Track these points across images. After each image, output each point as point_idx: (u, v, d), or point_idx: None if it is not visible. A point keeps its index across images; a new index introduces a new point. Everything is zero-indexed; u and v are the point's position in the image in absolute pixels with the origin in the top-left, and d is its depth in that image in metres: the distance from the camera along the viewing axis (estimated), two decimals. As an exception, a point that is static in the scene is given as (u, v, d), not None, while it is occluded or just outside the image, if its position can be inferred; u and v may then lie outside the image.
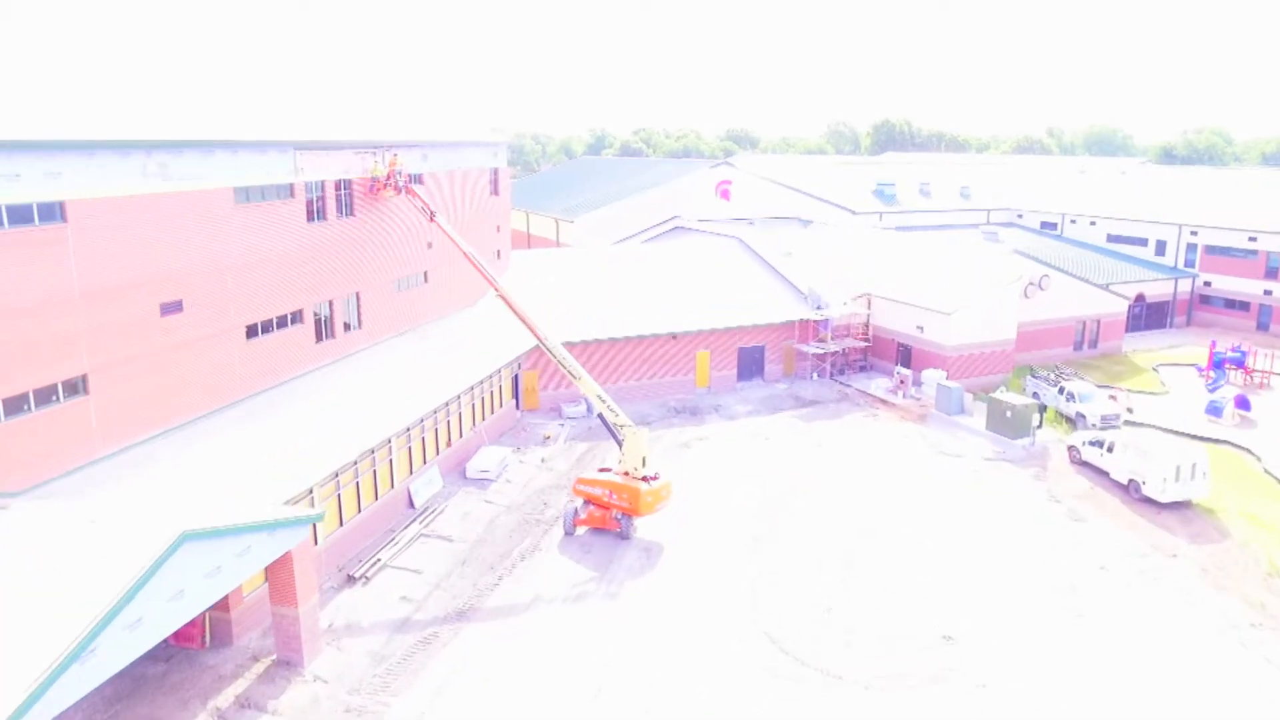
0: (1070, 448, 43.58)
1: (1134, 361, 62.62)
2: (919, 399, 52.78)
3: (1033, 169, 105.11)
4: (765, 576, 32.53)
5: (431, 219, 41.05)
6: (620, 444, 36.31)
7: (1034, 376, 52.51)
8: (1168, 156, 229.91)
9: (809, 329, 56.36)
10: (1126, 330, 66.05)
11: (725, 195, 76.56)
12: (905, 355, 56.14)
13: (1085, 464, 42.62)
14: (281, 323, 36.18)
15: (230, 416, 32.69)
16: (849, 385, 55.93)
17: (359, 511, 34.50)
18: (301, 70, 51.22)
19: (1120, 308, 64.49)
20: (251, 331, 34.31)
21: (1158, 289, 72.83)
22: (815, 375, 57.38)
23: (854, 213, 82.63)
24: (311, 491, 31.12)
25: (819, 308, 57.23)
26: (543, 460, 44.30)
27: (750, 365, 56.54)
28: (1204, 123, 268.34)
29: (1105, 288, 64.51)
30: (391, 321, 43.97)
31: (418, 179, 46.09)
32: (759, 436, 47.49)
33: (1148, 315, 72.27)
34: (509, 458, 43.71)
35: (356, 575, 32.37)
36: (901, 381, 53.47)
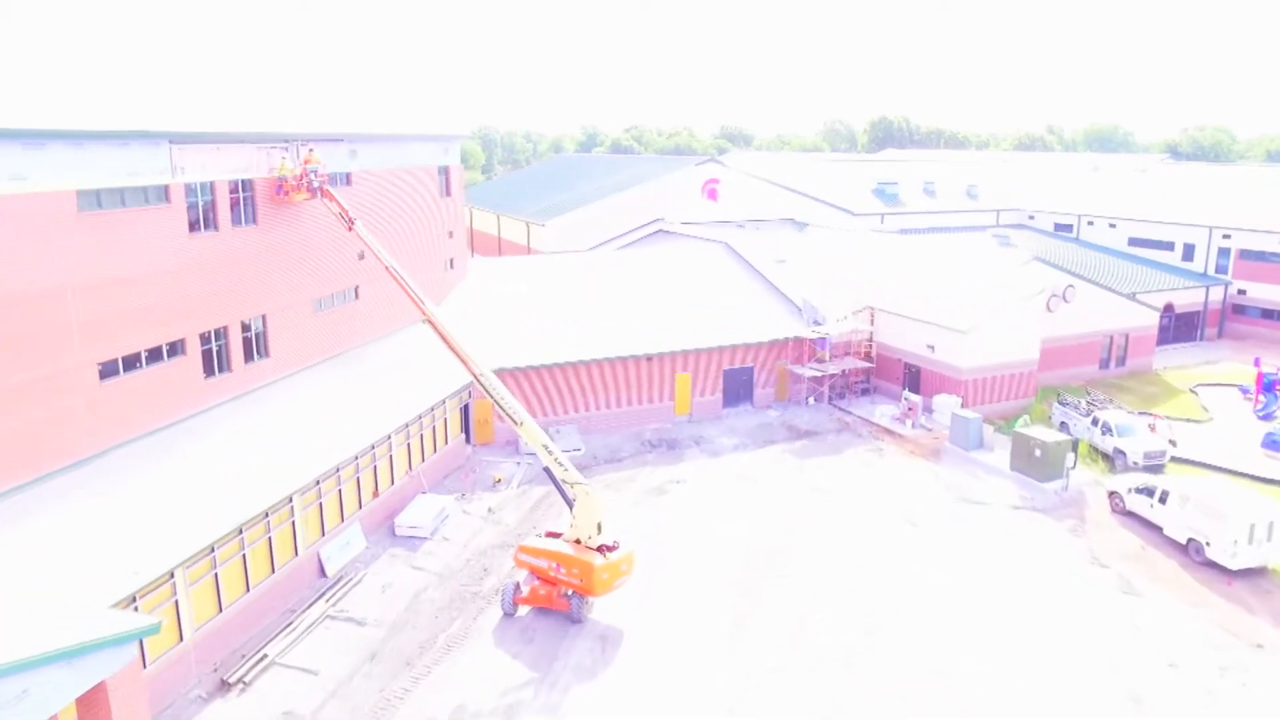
0: (1112, 494, 36.95)
1: (1167, 381, 56.01)
2: (930, 429, 46.12)
3: (1043, 167, 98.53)
4: (748, 678, 25.83)
5: (350, 227, 34.26)
6: (570, 505, 29.61)
7: (1062, 404, 45.84)
8: (1173, 154, 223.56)
9: (804, 348, 49.69)
10: (1156, 344, 59.49)
11: (712, 195, 69.93)
12: (913, 377, 49.46)
13: (1130, 514, 36.03)
14: (154, 356, 29.40)
15: (70, 481, 25.90)
16: (849, 412, 49.26)
17: (247, 591, 27.77)
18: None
19: (1151, 320, 57.88)
20: (108, 370, 27.55)
21: (1187, 298, 66.23)
22: (811, 400, 50.69)
23: (853, 214, 75.91)
24: (173, 576, 24.45)
25: (815, 323, 50.56)
26: (489, 511, 37.57)
27: (738, 389, 49.85)
28: (1203, 120, 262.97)
29: (1131, 297, 57.93)
30: (311, 348, 37.22)
31: (345, 179, 39.35)
32: (746, 478, 40.78)
33: (1176, 327, 65.68)
34: (449, 508, 36.98)
35: (232, 679, 25.62)
36: (910, 409, 46.79)
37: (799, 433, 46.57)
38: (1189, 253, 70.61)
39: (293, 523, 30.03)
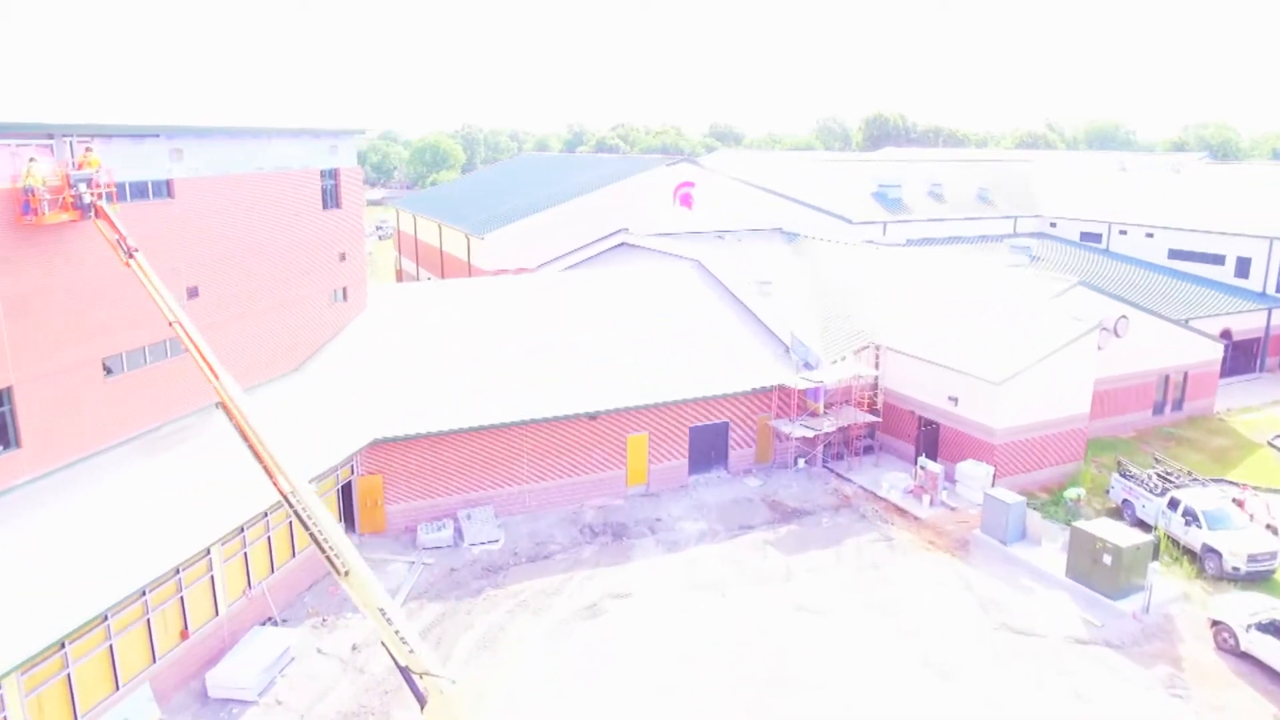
0: (1217, 626, 26.69)
1: (1235, 429, 45.86)
2: (954, 508, 35.78)
3: (1063, 167, 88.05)
4: None
5: (130, 258, 23.63)
6: (421, 705, 19.23)
7: (1124, 475, 35.49)
8: (1179, 152, 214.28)
9: (792, 398, 39.29)
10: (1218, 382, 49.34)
11: (686, 202, 59.51)
12: (930, 436, 39.10)
13: (1245, 655, 25.81)
14: None
15: None
16: (849, 480, 38.90)
17: None
18: None
19: (1214, 354, 47.74)
20: None
21: (1245, 323, 56.08)
22: (801, 462, 40.33)
23: (851, 222, 65.63)
24: None
25: (806, 366, 40.19)
26: (354, 649, 27.09)
27: (708, 450, 39.47)
28: (1204, 118, 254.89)
29: (1184, 324, 47.76)
30: (94, 429, 26.64)
31: (164, 188, 28.85)
32: (711, 588, 30.38)
33: (1233, 357, 55.49)
34: (296, 646, 26.55)
35: None
36: (928, 480, 36.41)
37: (785, 512, 36.18)
38: (1243, 268, 60.37)
39: (21, 699, 19.61)
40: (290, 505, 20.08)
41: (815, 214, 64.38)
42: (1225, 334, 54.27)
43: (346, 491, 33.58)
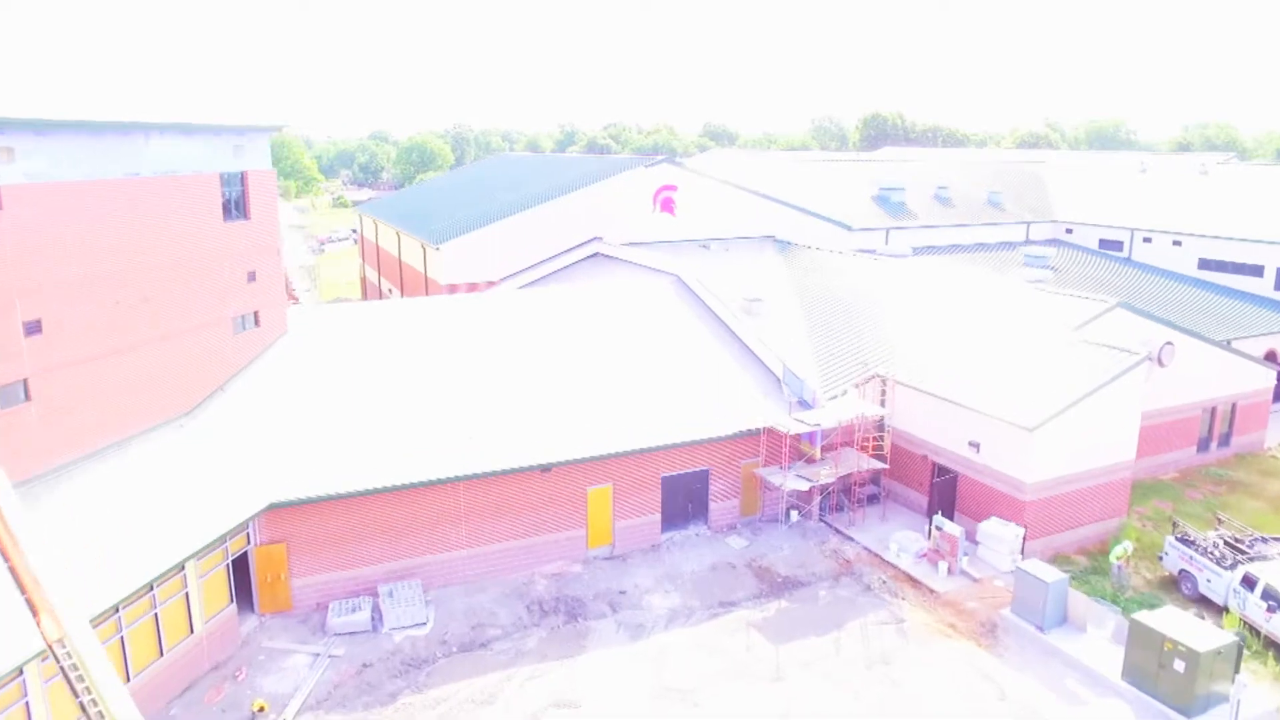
0: (1327, 760, 20.82)
1: (1292, 469, 40.10)
2: (977, 578, 29.88)
3: (1078, 168, 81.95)
4: None
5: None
6: None
7: (1183, 541, 29.56)
8: (1183, 152, 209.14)
9: (784, 442, 33.30)
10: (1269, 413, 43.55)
11: (667, 207, 53.60)
12: (947, 487, 33.17)
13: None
14: None
15: None
16: (851, 538, 32.99)
17: None
18: None
19: (1265, 382, 41.99)
20: None
21: (1289, 342, 50.31)
22: (795, 516, 34.42)
23: (850, 229, 59.76)
24: None
25: (801, 402, 34.29)
26: (219, 791, 21.08)
27: (684, 503, 33.56)
28: (1203, 118, 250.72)
29: (1227, 346, 41.99)
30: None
31: (-12, 197, 22.86)
32: (682, 695, 24.43)
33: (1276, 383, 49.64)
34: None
35: None
36: (946, 544, 30.48)
37: (774, 582, 30.24)
38: (1284, 280, 54.65)
39: None
40: (55, 658, 14.05)
41: (811, 220, 58.52)
42: (1270, 356, 48.50)
43: (242, 564, 27.60)
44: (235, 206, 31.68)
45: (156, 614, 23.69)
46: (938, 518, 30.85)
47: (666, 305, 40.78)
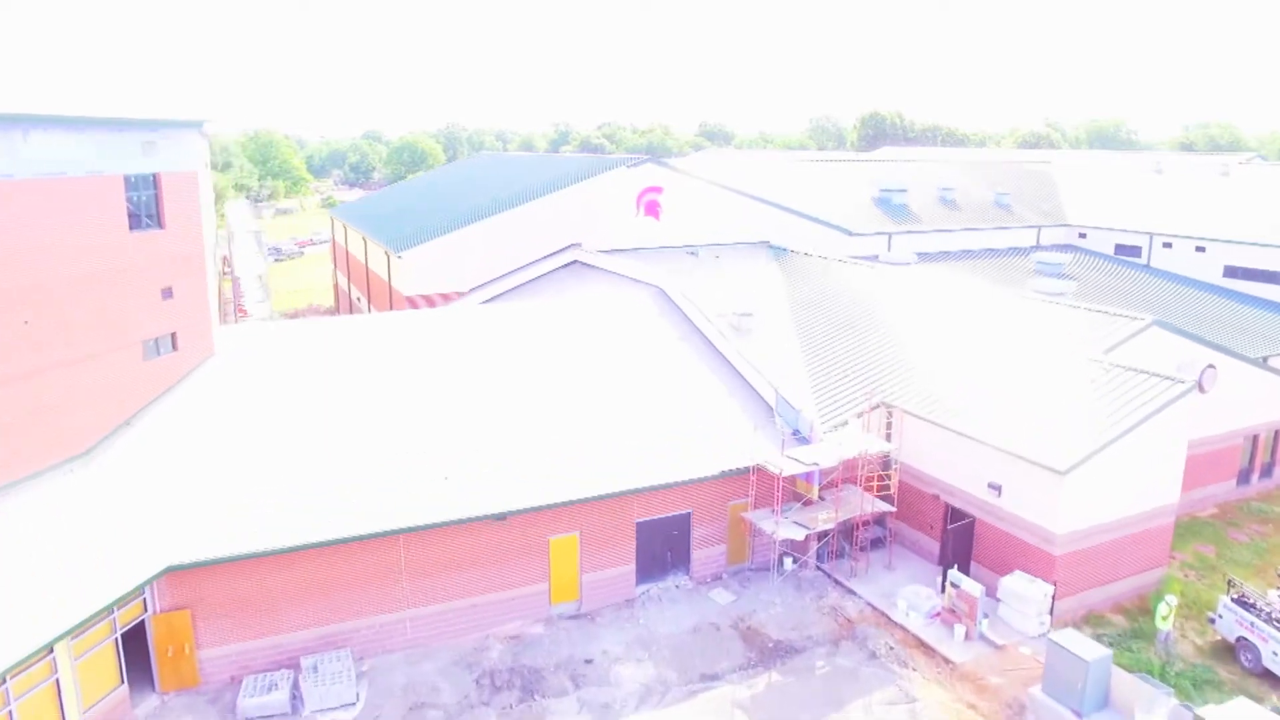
0: None
1: (1343, 504, 36.05)
2: (999, 644, 25.78)
3: (1090, 168, 77.71)
4: None
5: None
6: None
7: (1240, 604, 25.45)
8: (1186, 151, 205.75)
9: (776, 482, 29.13)
10: (1311, 440, 39.52)
11: (652, 211, 49.49)
12: (963, 534, 29.05)
13: None
14: None
15: None
16: (853, 592, 28.88)
17: None
18: None
19: (1310, 406, 37.92)
20: None
21: (1328, 358, 46.26)
22: (789, 564, 30.29)
23: (850, 233, 55.72)
24: None
25: (796, 435, 30.20)
26: None
27: (662, 551, 29.45)
28: (1204, 118, 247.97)
29: (1263, 364, 37.96)
30: None
31: None
32: (653, 804, 20.35)
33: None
34: None
35: None
36: (965, 603, 26.36)
37: (764, 649, 26.12)
38: (1319, 290, 50.67)
39: None
40: None
41: (808, 224, 54.43)
42: (1307, 373, 44.44)
43: (138, 634, 23.47)
44: (145, 213, 27.51)
45: (11, 711, 19.55)
46: (954, 574, 26.72)
47: (646, 322, 36.65)
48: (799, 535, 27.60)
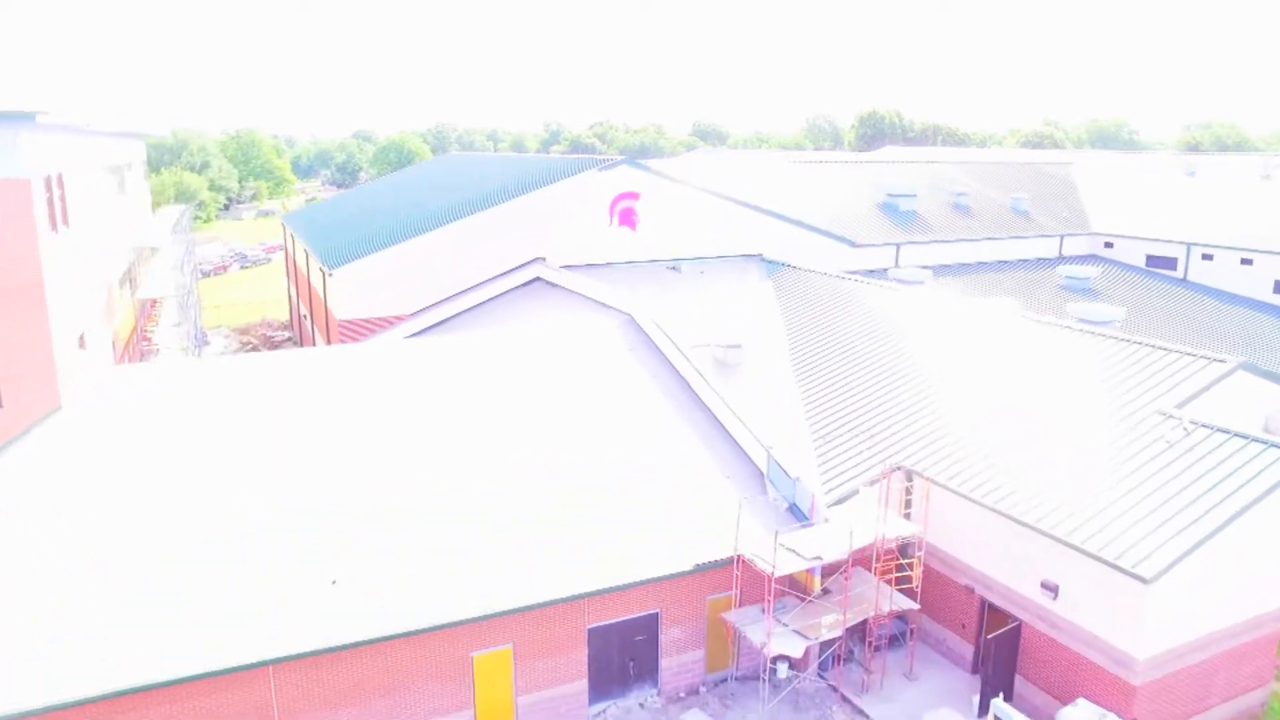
0: None
1: None
2: (1062, 805, 19.52)
3: (1115, 171, 71.27)
4: None
5: None
6: None
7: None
8: (1192, 152, 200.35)
9: (763, 575, 22.84)
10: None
11: (627, 220, 43.30)
12: (1007, 641, 22.73)
13: None
14: None
15: None
16: (865, 714, 22.63)
17: None
18: None
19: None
20: None
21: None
22: (784, 670, 23.96)
23: (854, 244, 49.57)
24: None
25: (793, 511, 23.95)
26: None
27: (622, 660, 23.14)
28: (1205, 117, 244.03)
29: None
30: None
31: None
32: None
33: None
34: None
35: None
36: (1010, 744, 20.09)
37: (753, 808, 19.86)
38: (1388, 309, 44.63)
39: None
40: None
41: (807, 234, 48.25)
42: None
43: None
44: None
45: None
46: (998, 705, 20.45)
47: (611, 360, 30.37)
48: (797, 651, 21.32)
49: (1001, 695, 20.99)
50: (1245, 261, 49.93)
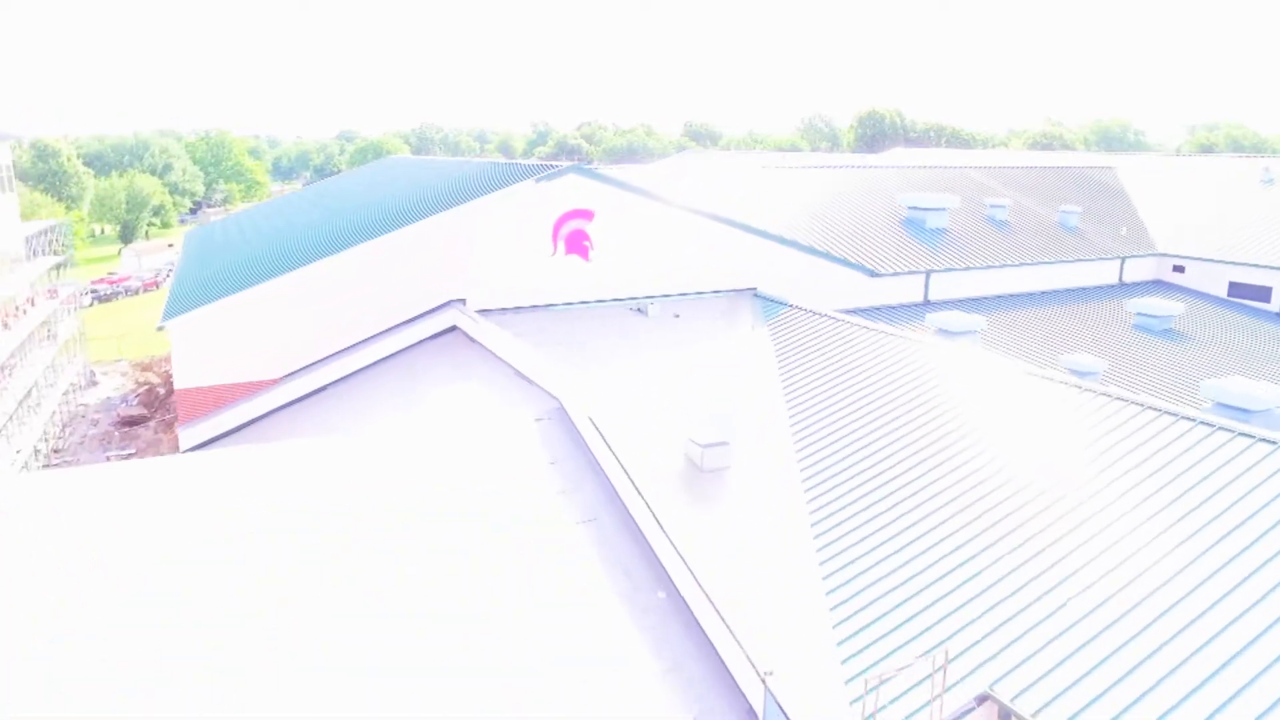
0: None
1: None
2: None
3: (1175, 176, 58.95)
4: None
5: None
6: None
7: None
8: (1205, 154, 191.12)
9: None
10: None
11: (577, 247, 32.97)
12: None
13: None
14: None
15: None
16: None
17: None
18: None
19: None
20: None
21: None
22: None
23: (874, 274, 39.23)
24: None
25: (809, 796, 13.43)
26: None
27: None
28: (1209, 118, 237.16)
29: None
30: None
31: None
32: None
33: None
34: None
35: None
36: None
37: None
38: None
39: None
40: None
41: (814, 261, 37.91)
42: None
43: None
44: None
45: None
46: None
47: (521, 489, 19.85)
48: None
49: None
50: (1364, 293, 39.75)
